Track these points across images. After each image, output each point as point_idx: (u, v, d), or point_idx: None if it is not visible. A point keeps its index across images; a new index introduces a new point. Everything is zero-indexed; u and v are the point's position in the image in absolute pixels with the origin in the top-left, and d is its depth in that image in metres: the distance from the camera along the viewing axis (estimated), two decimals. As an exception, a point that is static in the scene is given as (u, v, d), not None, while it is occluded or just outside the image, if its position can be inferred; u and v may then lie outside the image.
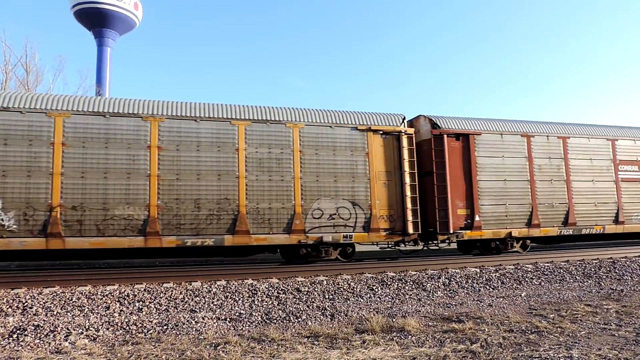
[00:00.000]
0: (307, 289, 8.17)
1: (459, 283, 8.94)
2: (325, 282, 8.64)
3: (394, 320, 6.14)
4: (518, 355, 4.58)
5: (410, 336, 5.38)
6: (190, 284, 8.28)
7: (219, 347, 5.04)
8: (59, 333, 5.62)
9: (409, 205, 11.26)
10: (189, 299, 7.51)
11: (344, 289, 8.32)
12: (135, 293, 7.62)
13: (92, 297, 7.38)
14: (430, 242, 12.15)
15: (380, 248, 12.31)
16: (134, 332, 5.81)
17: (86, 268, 11.11)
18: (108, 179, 9.61)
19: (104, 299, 7.33)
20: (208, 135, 10.28)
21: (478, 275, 9.49)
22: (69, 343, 5.31)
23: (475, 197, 11.95)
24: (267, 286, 8.23)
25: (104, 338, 5.55)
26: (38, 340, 5.39)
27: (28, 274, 9.52)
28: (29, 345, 5.24)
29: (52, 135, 9.46)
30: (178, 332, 5.80)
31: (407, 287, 8.60)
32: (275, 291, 8.02)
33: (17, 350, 5.02)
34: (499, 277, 9.43)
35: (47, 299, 7.21)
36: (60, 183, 9.36)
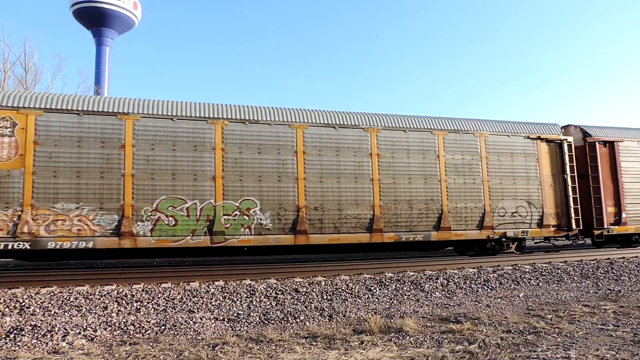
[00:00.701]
0: (305, 290, 8.17)
1: (457, 284, 8.94)
2: (323, 283, 8.64)
3: (392, 320, 6.14)
4: (516, 355, 4.58)
5: (408, 337, 5.38)
6: (189, 284, 8.27)
7: (216, 348, 5.03)
8: (57, 333, 5.60)
9: (571, 204, 12.95)
10: (187, 299, 7.50)
11: (342, 289, 8.32)
12: (133, 293, 7.60)
13: (90, 297, 7.36)
14: (577, 237, 13.60)
15: (535, 243, 14.27)
16: (131, 332, 5.80)
17: (84, 268, 11.09)
18: (340, 182, 11.00)
19: (101, 299, 7.31)
20: (415, 144, 11.82)
21: (476, 276, 9.50)
22: (67, 343, 5.29)
23: (622, 196, 13.92)
24: (265, 287, 8.23)
25: (101, 338, 5.54)
26: (35, 341, 5.37)
27: (25, 274, 9.49)
28: (26, 345, 5.23)
29: (295, 144, 10.81)
30: (176, 333, 5.79)
31: (405, 288, 8.60)
32: (274, 292, 8.01)
33: (14, 351, 5.00)
34: (496, 277, 9.44)
35: (45, 298, 7.19)
36: (304, 186, 10.71)
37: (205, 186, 10.02)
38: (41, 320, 6.13)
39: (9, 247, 8.84)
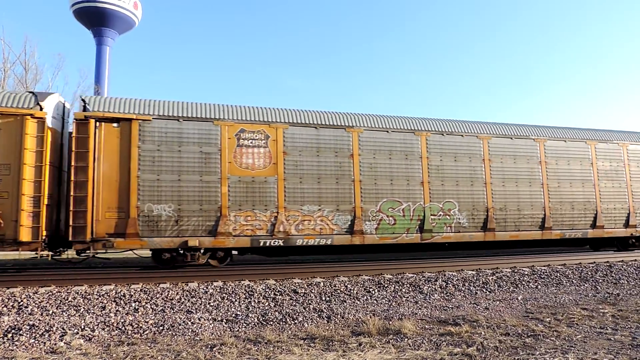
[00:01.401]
0: (303, 291, 8.16)
1: (456, 286, 8.94)
2: (322, 284, 8.63)
3: (390, 322, 6.14)
4: (514, 359, 4.58)
5: (406, 339, 5.37)
6: (187, 285, 8.26)
7: (214, 349, 5.02)
8: (54, 333, 5.60)
9: None
10: (185, 299, 7.49)
11: (340, 290, 8.31)
12: (132, 293, 7.59)
13: (88, 297, 7.35)
14: None
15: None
16: (129, 332, 5.79)
17: (82, 267, 11.07)
18: (518, 186, 12.60)
19: (100, 298, 7.30)
20: (574, 152, 13.45)
21: (475, 278, 9.49)
22: (64, 343, 5.28)
23: None
24: (263, 287, 8.22)
25: (99, 338, 5.53)
26: (33, 340, 5.37)
27: (24, 273, 9.48)
28: (23, 344, 5.22)
29: (482, 153, 12.33)
30: (174, 333, 5.78)
31: (404, 290, 8.60)
32: (272, 292, 8.01)
33: (12, 350, 5.00)
34: (495, 280, 9.44)
35: (43, 298, 7.18)
36: (490, 190, 12.27)
37: (415, 190, 11.57)
38: (39, 320, 6.12)
39: (267, 244, 10.18)
